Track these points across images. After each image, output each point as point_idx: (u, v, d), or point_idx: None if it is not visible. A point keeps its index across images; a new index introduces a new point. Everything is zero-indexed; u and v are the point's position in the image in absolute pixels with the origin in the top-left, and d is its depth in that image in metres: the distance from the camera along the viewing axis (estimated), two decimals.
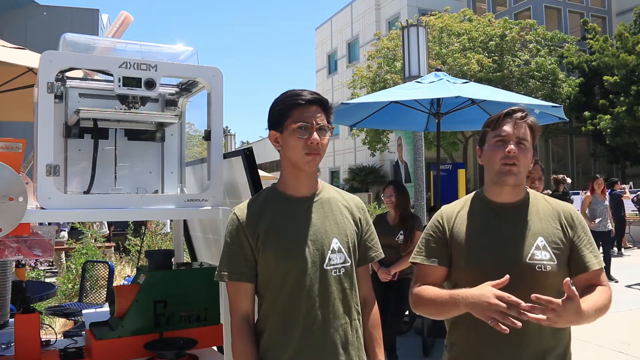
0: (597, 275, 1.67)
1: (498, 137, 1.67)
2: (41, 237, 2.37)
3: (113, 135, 2.14)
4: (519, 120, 1.67)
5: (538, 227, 1.67)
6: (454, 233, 1.73)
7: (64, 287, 6.35)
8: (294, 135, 1.57)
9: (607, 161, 24.60)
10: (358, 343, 1.66)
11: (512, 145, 1.64)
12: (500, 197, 1.72)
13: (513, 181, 1.66)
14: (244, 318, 1.58)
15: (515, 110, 1.69)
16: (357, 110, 5.84)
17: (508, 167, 1.64)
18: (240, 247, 1.59)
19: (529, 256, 1.62)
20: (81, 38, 2.11)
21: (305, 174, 1.65)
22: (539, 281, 1.61)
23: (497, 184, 1.70)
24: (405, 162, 10.09)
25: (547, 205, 1.74)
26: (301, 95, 1.60)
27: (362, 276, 1.74)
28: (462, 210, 1.77)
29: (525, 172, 1.69)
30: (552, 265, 1.62)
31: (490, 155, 1.69)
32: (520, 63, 20.88)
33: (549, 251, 1.63)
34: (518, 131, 1.66)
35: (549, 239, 1.65)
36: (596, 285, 1.64)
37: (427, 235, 1.79)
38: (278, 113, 1.61)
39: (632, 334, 5.61)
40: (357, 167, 28.85)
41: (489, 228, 1.70)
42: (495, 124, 1.70)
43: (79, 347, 2.13)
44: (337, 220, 1.66)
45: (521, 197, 1.73)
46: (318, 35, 36.42)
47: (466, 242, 1.70)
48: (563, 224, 1.69)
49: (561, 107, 5.08)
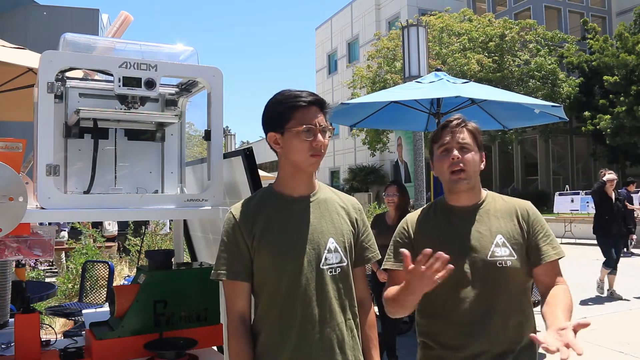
0: (555, 266, 1.74)
1: (442, 147, 1.78)
2: (41, 237, 2.37)
3: (113, 135, 2.14)
4: (456, 127, 1.77)
5: (496, 226, 1.76)
6: (417, 237, 1.83)
7: (64, 287, 6.36)
8: (298, 137, 1.57)
9: (607, 161, 24.58)
10: (354, 343, 1.65)
11: (456, 152, 1.74)
12: (459, 202, 1.81)
13: (465, 186, 1.76)
14: (240, 317, 1.58)
15: (452, 120, 1.80)
16: (357, 110, 5.84)
17: (456, 175, 1.74)
18: (236, 246, 1.59)
19: (489, 254, 1.71)
20: (81, 38, 2.11)
21: (305, 174, 1.65)
22: (502, 276, 1.69)
23: (453, 192, 1.80)
24: (405, 162, 10.09)
25: (504, 204, 1.82)
26: (301, 97, 1.59)
27: (358, 277, 1.74)
28: (425, 215, 1.88)
29: (476, 174, 1.77)
30: (512, 260, 1.70)
31: (439, 166, 1.80)
32: (520, 63, 20.89)
33: (508, 247, 1.72)
34: (458, 137, 1.76)
35: (507, 235, 1.74)
36: (554, 283, 1.70)
37: (394, 241, 1.89)
38: (278, 115, 1.60)
39: (632, 334, 5.61)
40: (357, 167, 28.86)
41: (449, 230, 1.79)
42: (437, 136, 1.81)
43: (79, 347, 2.13)
44: (334, 220, 1.66)
45: (479, 199, 1.82)
46: (318, 35, 36.43)
47: (429, 243, 1.71)
48: (519, 219, 1.77)
49: (561, 107, 5.08)
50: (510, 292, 1.71)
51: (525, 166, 27.15)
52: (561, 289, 1.68)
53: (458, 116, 1.82)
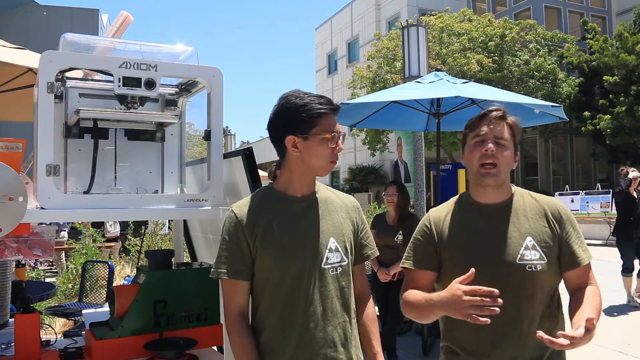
0: (587, 270, 1.67)
1: (476, 138, 1.68)
2: (41, 237, 2.37)
3: (113, 135, 2.14)
4: (496, 119, 1.67)
5: (526, 227, 1.67)
6: (442, 237, 1.73)
7: (64, 287, 6.36)
8: (324, 144, 1.60)
9: (607, 161, 24.58)
10: (356, 341, 1.68)
11: (490, 144, 1.64)
12: (485, 198, 1.72)
13: (493, 182, 1.66)
14: (240, 313, 1.59)
15: (492, 110, 1.69)
16: (357, 110, 5.83)
17: (486, 168, 1.64)
18: (237, 245, 1.60)
19: (518, 257, 1.62)
20: (81, 38, 2.11)
21: (313, 176, 1.68)
22: (530, 281, 1.61)
23: (480, 185, 1.71)
24: (405, 162, 10.07)
25: (534, 203, 1.73)
26: (326, 104, 1.61)
27: (357, 273, 1.76)
28: (449, 213, 1.77)
29: (507, 171, 1.68)
30: (542, 264, 1.62)
31: (469, 156, 1.70)
32: (520, 63, 20.88)
33: (538, 250, 1.63)
34: (496, 130, 1.66)
35: (537, 237, 1.65)
36: (586, 284, 1.65)
37: (416, 240, 1.79)
38: (302, 119, 1.59)
39: (632, 334, 5.61)
40: (357, 167, 28.85)
41: (477, 230, 1.70)
42: (473, 125, 1.71)
43: (79, 347, 2.13)
44: (334, 220, 1.68)
45: (507, 197, 1.72)
46: (318, 35, 36.42)
47: (455, 245, 1.70)
48: (551, 220, 1.68)
49: (561, 107, 5.08)
50: (539, 297, 1.62)
51: (525, 166, 27.13)
52: (591, 289, 1.62)
53: (499, 107, 1.70)
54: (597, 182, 21.28)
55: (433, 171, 7.16)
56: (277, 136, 1.64)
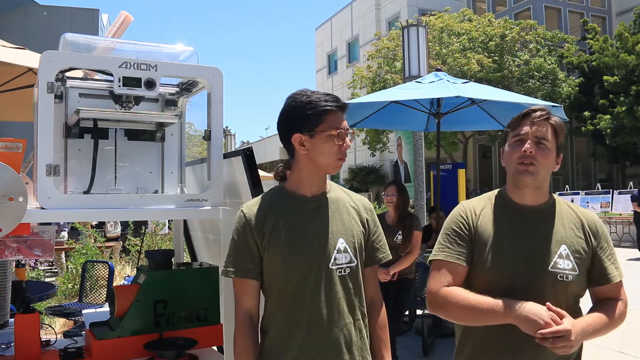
0: (618, 287, 1.65)
1: (517, 137, 1.63)
2: (41, 237, 2.37)
3: (113, 135, 2.14)
4: (539, 119, 1.62)
5: (562, 235, 1.62)
6: (479, 231, 1.65)
7: (64, 287, 6.36)
8: (330, 141, 1.60)
9: (607, 161, 24.57)
10: (362, 343, 1.65)
11: (529, 144, 1.59)
12: (523, 199, 1.66)
13: (530, 181, 1.60)
14: (247, 315, 1.59)
15: (535, 110, 1.64)
16: (357, 110, 5.84)
17: (524, 166, 1.59)
18: (246, 245, 1.61)
19: (551, 264, 1.58)
20: (81, 38, 2.11)
21: (323, 175, 1.67)
22: (559, 290, 1.58)
23: (517, 186, 1.65)
24: (405, 162, 10.08)
25: (571, 212, 1.68)
26: (332, 101, 1.61)
27: (369, 277, 1.74)
28: (486, 208, 1.70)
29: (547, 174, 1.63)
30: (574, 275, 1.58)
31: (508, 156, 1.65)
32: (520, 63, 20.88)
33: (571, 260, 1.59)
34: (537, 130, 1.61)
35: (572, 247, 1.60)
36: (614, 299, 1.63)
37: (450, 230, 1.69)
38: (307, 117, 1.59)
39: (632, 334, 5.61)
40: (357, 167, 28.84)
41: (515, 231, 1.64)
42: (515, 124, 1.66)
43: (79, 347, 2.13)
44: (344, 220, 1.67)
45: (544, 200, 1.68)
46: (318, 35, 36.41)
47: (492, 242, 1.64)
48: (587, 232, 1.64)
49: (561, 107, 5.08)
50: (564, 306, 1.55)
51: None
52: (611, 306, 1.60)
53: (543, 107, 1.65)
54: (597, 182, 21.26)
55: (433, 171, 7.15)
56: (285, 135, 1.65)
